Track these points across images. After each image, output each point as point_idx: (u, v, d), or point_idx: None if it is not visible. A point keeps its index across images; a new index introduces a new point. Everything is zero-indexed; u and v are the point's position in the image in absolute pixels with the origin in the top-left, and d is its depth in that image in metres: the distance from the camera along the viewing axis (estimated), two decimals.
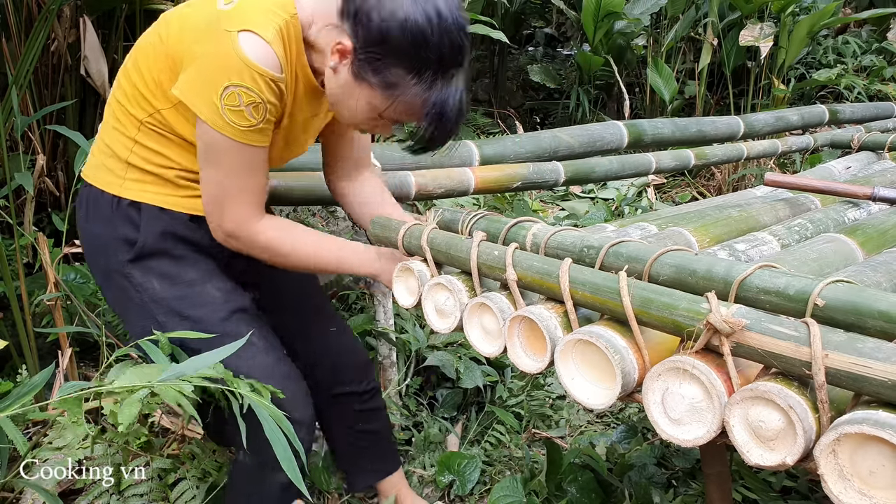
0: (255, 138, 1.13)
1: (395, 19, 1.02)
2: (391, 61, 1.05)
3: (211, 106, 1.09)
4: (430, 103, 1.08)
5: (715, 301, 0.77)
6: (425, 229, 1.17)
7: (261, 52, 1.08)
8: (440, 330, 1.13)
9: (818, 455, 0.66)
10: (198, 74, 1.10)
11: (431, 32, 1.02)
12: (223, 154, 1.14)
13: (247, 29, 1.08)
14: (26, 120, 2.10)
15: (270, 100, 1.11)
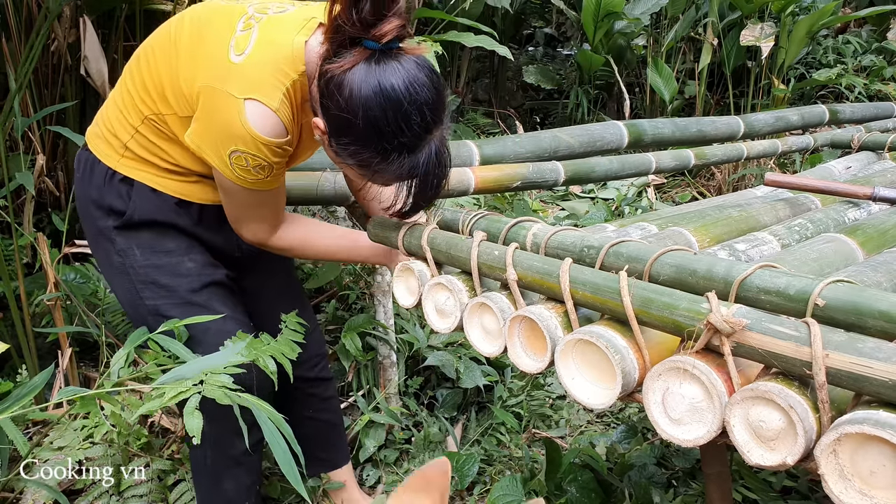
0: (265, 185, 1.21)
1: (350, 110, 1.01)
2: (358, 147, 1.05)
3: (221, 159, 1.15)
4: (406, 175, 1.08)
5: (715, 301, 0.77)
6: (425, 229, 1.17)
7: (267, 123, 1.11)
8: (440, 330, 1.13)
9: (819, 455, 0.66)
10: (207, 132, 1.15)
11: (387, 121, 1.01)
12: (236, 193, 1.23)
13: (253, 98, 1.09)
14: (27, 121, 2.10)
15: (276, 160, 1.17)
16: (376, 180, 1.13)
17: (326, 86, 1.04)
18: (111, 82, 2.56)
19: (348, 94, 1.00)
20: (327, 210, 3.48)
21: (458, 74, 5.10)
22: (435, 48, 2.82)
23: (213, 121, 1.13)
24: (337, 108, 1.02)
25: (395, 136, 1.02)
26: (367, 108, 1.00)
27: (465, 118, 4.97)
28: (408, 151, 1.05)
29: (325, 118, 1.07)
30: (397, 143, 1.03)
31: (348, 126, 1.03)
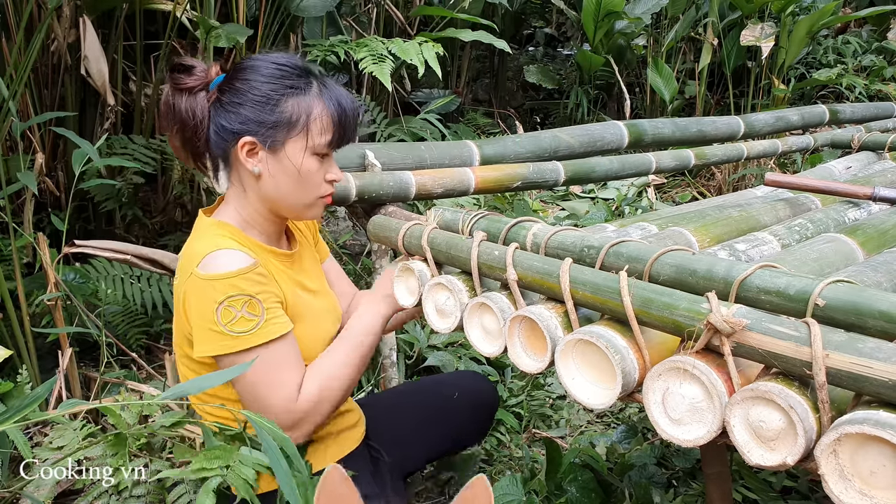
0: (269, 332, 1.14)
1: (252, 88, 1.16)
2: (276, 107, 1.16)
3: (217, 337, 1.12)
4: (326, 100, 1.18)
5: (715, 301, 0.77)
6: (425, 229, 1.17)
7: (223, 260, 1.13)
8: (440, 330, 1.13)
9: (819, 455, 0.66)
10: (197, 326, 1.14)
11: (275, 65, 1.18)
12: (252, 369, 1.13)
13: (202, 258, 1.13)
14: (28, 123, 2.10)
15: (258, 290, 1.13)
16: (315, 133, 1.17)
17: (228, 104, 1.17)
18: (111, 82, 2.57)
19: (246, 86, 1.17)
20: (328, 210, 3.48)
21: (459, 74, 5.10)
22: (436, 49, 2.82)
23: (193, 309, 1.14)
24: (244, 100, 1.16)
25: (287, 69, 1.17)
26: (259, 75, 1.17)
27: (465, 118, 4.97)
28: (305, 81, 1.18)
29: (243, 126, 1.16)
30: (292, 75, 1.17)
31: (261, 98, 1.16)
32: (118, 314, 2.37)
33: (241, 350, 1.12)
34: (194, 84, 1.19)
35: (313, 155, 1.18)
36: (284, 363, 1.17)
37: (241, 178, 1.21)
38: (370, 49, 2.80)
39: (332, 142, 1.19)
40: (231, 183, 1.23)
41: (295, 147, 1.17)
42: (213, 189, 1.50)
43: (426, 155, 1.70)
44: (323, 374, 1.21)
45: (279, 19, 2.85)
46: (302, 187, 1.20)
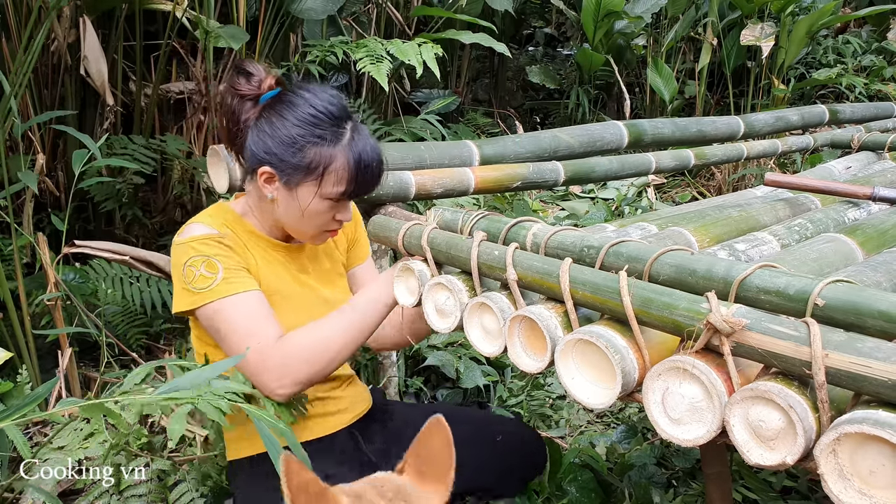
0: (226, 288, 1.22)
1: (285, 126, 1.23)
2: (300, 151, 1.22)
3: (186, 294, 1.24)
4: (349, 154, 1.22)
5: (715, 301, 0.77)
6: (425, 229, 1.17)
7: (191, 229, 1.28)
8: (440, 329, 1.13)
9: (818, 455, 0.66)
10: (174, 287, 1.28)
11: (313, 110, 1.23)
12: (221, 320, 1.22)
13: (183, 228, 1.29)
14: (28, 123, 2.10)
15: (215, 252, 1.24)
16: (329, 182, 1.23)
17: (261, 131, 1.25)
18: (111, 82, 2.57)
19: (282, 123, 1.23)
20: None
21: (458, 74, 5.10)
22: (435, 50, 2.82)
23: (172, 271, 1.29)
24: (274, 137, 1.23)
25: (324, 117, 1.23)
26: (293, 122, 1.23)
27: (465, 118, 4.97)
28: (336, 130, 1.23)
29: (268, 156, 1.23)
30: (327, 124, 1.23)
31: (287, 139, 1.22)
32: (118, 314, 2.37)
33: (203, 304, 1.22)
34: (247, 92, 1.28)
35: (325, 199, 1.24)
36: (254, 315, 1.23)
37: (258, 191, 1.30)
38: (368, 50, 2.80)
39: (345, 193, 1.25)
40: (253, 187, 1.32)
41: (307, 190, 1.24)
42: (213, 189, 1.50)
43: (426, 155, 1.70)
44: (308, 332, 1.24)
45: (279, 20, 2.85)
46: (307, 223, 1.28)
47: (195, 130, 2.95)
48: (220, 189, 1.55)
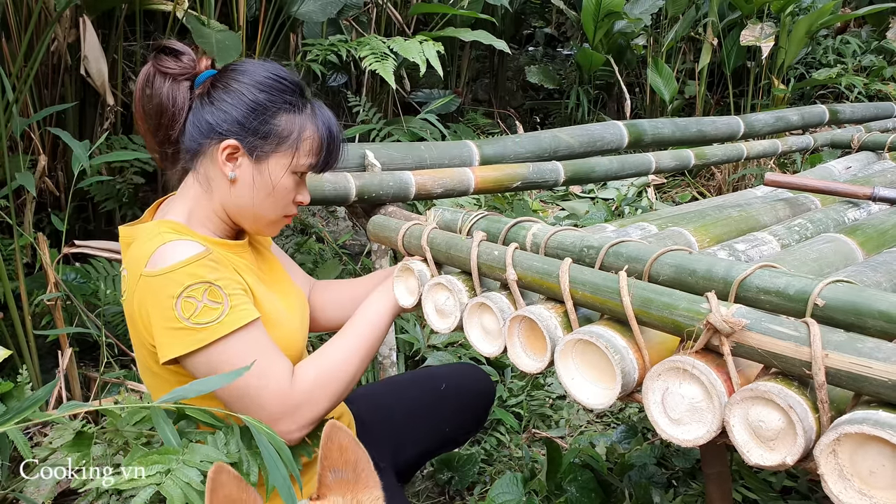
0: (237, 318, 1.05)
1: (248, 92, 1.13)
2: (270, 118, 1.13)
3: (182, 335, 1.02)
4: (318, 123, 1.16)
5: (715, 301, 0.77)
6: (425, 229, 1.17)
7: (173, 252, 1.05)
8: (440, 330, 1.13)
9: (818, 455, 0.66)
10: (158, 329, 1.05)
11: (274, 76, 1.15)
12: (226, 360, 1.04)
13: (147, 257, 1.05)
14: (27, 121, 2.09)
15: (216, 276, 1.05)
16: (301, 153, 1.15)
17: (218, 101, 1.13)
18: (111, 82, 2.57)
19: (237, 84, 1.13)
20: (327, 210, 3.47)
21: (458, 74, 5.10)
22: (437, 47, 2.82)
23: (149, 312, 1.05)
24: (238, 100, 1.13)
25: (287, 86, 1.15)
26: (256, 81, 1.14)
27: (465, 118, 4.97)
28: (302, 100, 1.16)
29: (232, 126, 1.12)
30: (292, 92, 1.15)
31: (254, 104, 1.13)
32: (118, 314, 2.36)
33: (211, 342, 1.02)
34: (180, 71, 1.15)
35: (293, 174, 1.16)
36: (265, 349, 1.08)
37: (209, 177, 1.16)
38: (372, 47, 2.80)
39: (317, 165, 1.18)
40: (194, 181, 1.17)
41: (279, 162, 1.14)
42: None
43: (426, 155, 1.70)
44: (321, 361, 1.14)
45: (280, 20, 2.85)
46: (272, 203, 1.16)
47: None
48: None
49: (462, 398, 1.64)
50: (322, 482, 0.72)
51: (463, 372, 1.71)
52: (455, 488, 1.89)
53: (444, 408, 1.61)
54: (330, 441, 0.72)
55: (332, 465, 0.72)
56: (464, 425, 1.67)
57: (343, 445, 0.72)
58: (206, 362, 1.04)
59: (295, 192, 1.18)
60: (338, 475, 0.72)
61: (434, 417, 1.59)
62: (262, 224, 1.19)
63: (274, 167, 1.14)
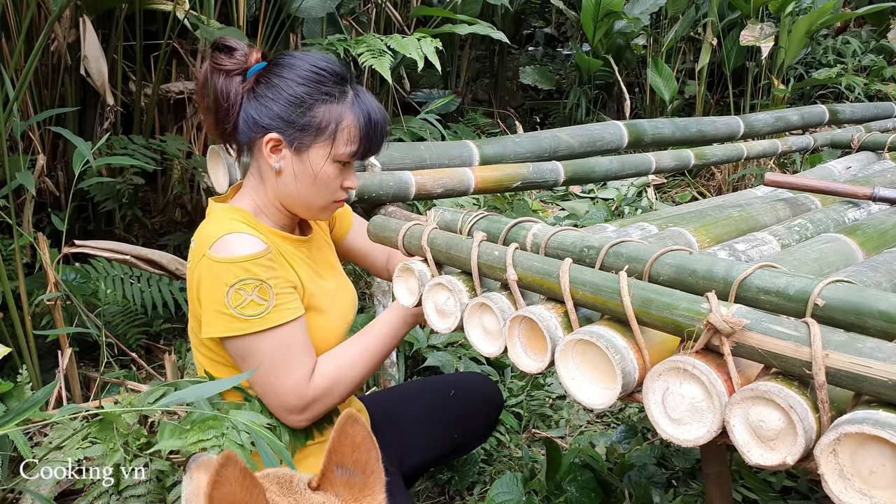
0: (278, 317, 1.16)
1: (288, 86, 1.18)
2: (308, 111, 1.18)
3: (226, 319, 1.13)
4: (357, 112, 1.20)
5: (715, 301, 0.77)
6: (425, 229, 1.17)
7: (236, 244, 1.15)
8: (441, 330, 1.13)
9: (818, 455, 0.66)
10: (206, 308, 1.16)
11: (314, 68, 1.20)
12: (257, 348, 1.15)
13: (215, 240, 1.15)
14: (27, 122, 2.09)
15: (270, 276, 1.15)
16: (340, 142, 1.19)
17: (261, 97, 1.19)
18: (111, 82, 2.57)
19: (281, 81, 1.19)
20: None
21: (458, 74, 5.10)
22: (435, 44, 2.82)
23: (204, 291, 1.16)
24: (281, 94, 1.18)
25: (328, 75, 1.19)
26: (301, 74, 1.19)
27: (465, 118, 4.97)
28: (341, 90, 1.20)
29: (273, 121, 1.19)
30: (331, 83, 1.19)
31: (294, 98, 1.18)
32: (118, 314, 2.37)
33: (249, 333, 1.14)
34: (233, 67, 1.21)
35: (335, 162, 1.21)
36: (295, 347, 1.18)
37: (260, 169, 1.24)
38: (368, 45, 2.79)
39: (357, 153, 1.22)
40: (250, 172, 1.27)
41: (319, 152, 1.20)
42: (213, 189, 1.50)
43: (426, 155, 1.70)
44: (337, 364, 1.22)
45: (279, 19, 2.85)
46: (317, 190, 1.22)
47: (195, 130, 2.95)
48: (220, 189, 1.55)
49: (470, 403, 1.65)
50: (325, 474, 0.70)
51: (471, 379, 1.74)
52: (455, 488, 1.89)
53: (453, 413, 1.62)
54: (343, 434, 0.70)
55: (340, 461, 0.70)
56: (473, 431, 1.69)
57: (357, 443, 0.70)
58: (239, 347, 1.16)
59: (341, 179, 1.24)
60: (345, 473, 0.70)
61: (443, 423, 1.61)
62: (313, 211, 1.27)
63: (315, 157, 1.20)
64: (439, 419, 1.60)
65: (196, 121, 2.92)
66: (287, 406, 1.19)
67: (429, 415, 1.60)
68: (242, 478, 0.58)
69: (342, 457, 0.70)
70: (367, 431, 0.71)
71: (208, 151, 1.57)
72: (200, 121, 2.92)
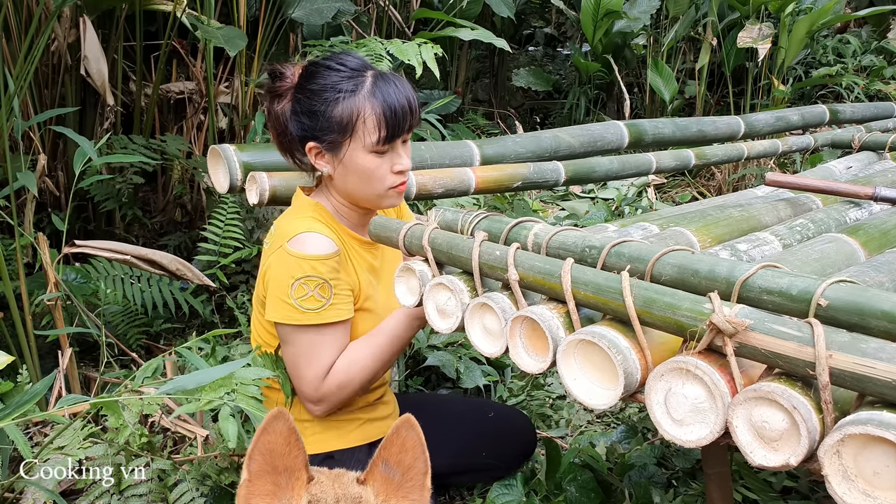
0: (331, 315, 1.27)
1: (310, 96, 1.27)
2: (327, 113, 1.26)
3: (287, 308, 1.25)
4: (373, 100, 1.25)
5: (718, 301, 0.76)
6: (426, 229, 1.17)
7: (311, 243, 1.26)
8: (441, 330, 1.13)
9: (822, 456, 0.66)
10: (271, 293, 1.28)
11: (329, 70, 1.27)
12: (299, 336, 1.27)
13: (294, 235, 1.27)
14: (28, 122, 2.09)
15: (333, 276, 1.26)
16: (367, 129, 1.25)
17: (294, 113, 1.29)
18: (111, 82, 2.56)
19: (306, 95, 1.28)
20: None
21: (458, 74, 5.10)
22: (435, 50, 2.82)
23: (274, 281, 1.28)
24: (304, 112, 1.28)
25: (339, 84, 1.26)
26: (314, 90, 1.27)
27: (465, 118, 4.97)
28: (353, 81, 1.26)
29: (309, 134, 1.28)
30: (340, 89, 1.25)
31: (312, 107, 1.26)
32: (118, 314, 2.36)
33: (301, 324, 1.25)
34: (283, 91, 1.31)
35: (370, 153, 1.26)
36: (329, 345, 1.28)
37: (323, 174, 1.34)
38: (368, 49, 2.79)
39: (384, 138, 1.25)
40: (321, 180, 1.38)
41: (352, 147, 1.26)
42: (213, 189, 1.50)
43: (426, 155, 1.70)
44: (351, 364, 1.30)
45: (280, 20, 2.85)
46: (368, 182, 1.29)
47: (195, 130, 2.95)
48: (220, 189, 1.55)
49: (504, 428, 1.69)
50: (372, 467, 0.75)
51: (510, 412, 1.80)
52: (455, 488, 1.88)
53: (485, 431, 1.65)
54: (397, 435, 0.75)
55: (386, 458, 0.75)
56: (501, 456, 1.70)
57: (406, 446, 0.75)
58: (288, 333, 1.28)
59: (387, 164, 1.29)
60: (387, 470, 0.74)
61: (473, 435, 1.64)
62: (374, 201, 1.33)
63: (350, 153, 1.27)
64: (469, 430, 1.64)
65: (196, 121, 2.92)
66: (304, 394, 1.31)
67: (461, 425, 1.64)
68: (287, 433, 0.64)
69: (389, 454, 0.75)
70: (420, 439, 0.75)
71: (208, 151, 1.56)
72: (200, 121, 2.92)
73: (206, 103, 2.80)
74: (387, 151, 1.28)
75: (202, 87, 2.81)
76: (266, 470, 0.66)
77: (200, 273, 2.21)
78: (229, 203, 2.46)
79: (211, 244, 2.40)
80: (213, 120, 2.74)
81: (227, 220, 2.43)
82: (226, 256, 2.37)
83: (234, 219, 2.43)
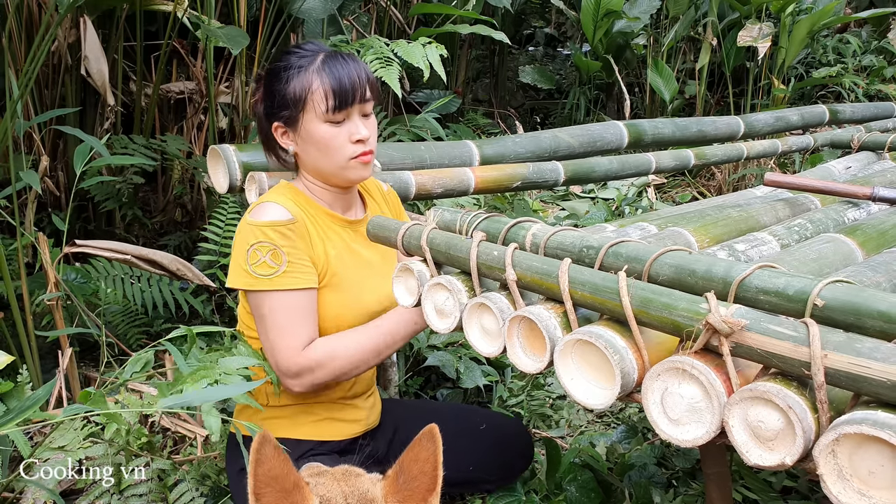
0: (285, 282, 1.28)
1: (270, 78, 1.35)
2: (283, 90, 1.32)
3: (243, 274, 1.28)
4: (321, 72, 1.30)
5: (714, 301, 0.77)
6: (425, 229, 1.17)
7: (266, 211, 1.29)
8: (440, 330, 1.13)
9: (817, 455, 0.66)
10: (232, 261, 1.32)
11: (284, 54, 1.36)
12: (267, 307, 1.28)
13: (256, 205, 1.32)
14: (30, 122, 2.09)
15: (286, 244, 1.28)
16: (318, 99, 1.29)
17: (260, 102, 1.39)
18: (111, 82, 2.57)
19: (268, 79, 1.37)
20: None
21: (458, 74, 5.10)
22: (440, 51, 2.82)
23: (233, 246, 1.33)
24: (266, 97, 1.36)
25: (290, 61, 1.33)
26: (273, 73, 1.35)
27: (465, 118, 4.97)
28: (303, 68, 1.32)
29: (273, 115, 1.34)
30: (291, 68, 1.32)
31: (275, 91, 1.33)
32: (118, 314, 2.37)
33: (260, 290, 1.27)
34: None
35: (325, 122, 1.30)
36: (298, 314, 1.28)
37: (295, 158, 1.39)
38: (376, 51, 2.79)
39: (333, 107, 1.29)
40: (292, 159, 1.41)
41: (307, 119, 1.31)
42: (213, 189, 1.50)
43: (426, 155, 1.70)
44: (336, 346, 1.30)
45: (280, 19, 2.85)
46: (326, 153, 1.32)
47: (195, 130, 2.95)
48: (220, 189, 1.55)
49: (496, 442, 1.64)
50: (393, 468, 0.77)
51: (506, 422, 1.73)
52: None
53: (476, 445, 1.61)
54: (417, 444, 0.77)
55: (402, 461, 0.77)
56: (492, 469, 1.66)
57: (420, 457, 0.76)
58: (253, 303, 1.31)
59: (344, 135, 1.32)
60: (401, 475, 0.76)
61: (463, 450, 1.58)
62: (338, 173, 1.35)
63: (305, 125, 1.32)
64: (458, 445, 1.55)
65: (196, 121, 2.92)
66: (279, 366, 1.29)
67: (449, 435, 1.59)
68: (276, 452, 0.65)
69: (405, 458, 0.77)
70: (436, 454, 0.77)
71: (208, 151, 1.57)
72: (201, 121, 2.92)
73: (206, 103, 2.81)
74: (342, 121, 1.31)
75: (202, 87, 2.81)
76: (278, 498, 0.66)
77: (200, 273, 2.21)
78: (229, 203, 2.46)
79: (211, 244, 2.40)
80: (214, 120, 2.74)
81: (227, 220, 2.43)
82: (226, 256, 2.37)
83: (234, 219, 2.44)
